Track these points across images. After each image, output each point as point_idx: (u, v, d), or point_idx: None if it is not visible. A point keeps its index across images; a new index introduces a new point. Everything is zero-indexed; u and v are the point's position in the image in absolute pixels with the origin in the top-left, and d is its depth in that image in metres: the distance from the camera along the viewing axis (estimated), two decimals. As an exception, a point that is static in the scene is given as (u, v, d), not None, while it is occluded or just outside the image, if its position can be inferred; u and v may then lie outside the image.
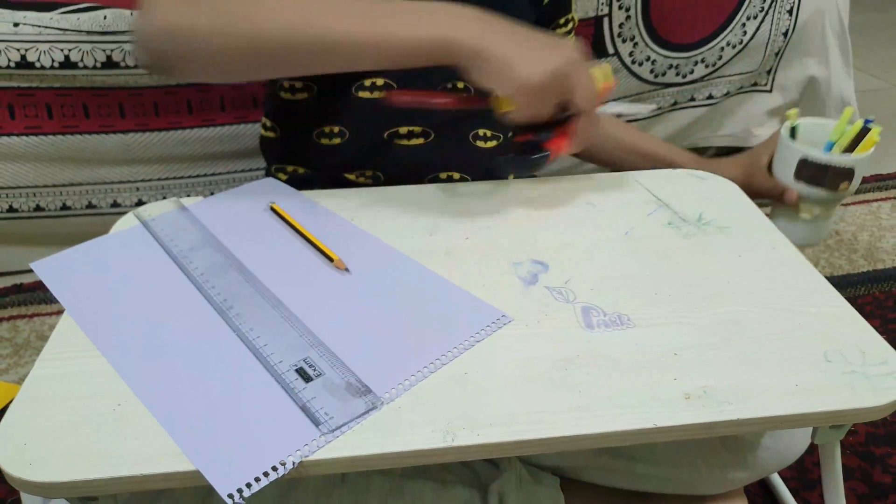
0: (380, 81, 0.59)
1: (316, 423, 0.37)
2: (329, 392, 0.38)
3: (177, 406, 0.38)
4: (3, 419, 0.38)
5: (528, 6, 0.65)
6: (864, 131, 0.94)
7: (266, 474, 0.35)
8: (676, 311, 0.46)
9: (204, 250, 0.51)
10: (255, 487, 0.34)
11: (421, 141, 0.63)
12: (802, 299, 0.47)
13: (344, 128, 0.62)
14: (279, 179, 0.63)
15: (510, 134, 0.65)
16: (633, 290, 0.48)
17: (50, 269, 0.50)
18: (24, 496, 0.49)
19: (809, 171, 0.90)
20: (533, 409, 0.38)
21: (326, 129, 0.61)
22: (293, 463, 0.35)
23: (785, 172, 0.83)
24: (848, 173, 0.93)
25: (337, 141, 0.61)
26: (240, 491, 0.34)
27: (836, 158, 0.86)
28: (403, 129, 0.62)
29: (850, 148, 0.95)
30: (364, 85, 0.60)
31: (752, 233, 0.55)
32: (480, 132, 0.65)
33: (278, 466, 0.35)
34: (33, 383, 0.41)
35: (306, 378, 0.39)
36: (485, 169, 0.63)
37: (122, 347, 0.42)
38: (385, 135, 0.61)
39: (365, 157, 0.61)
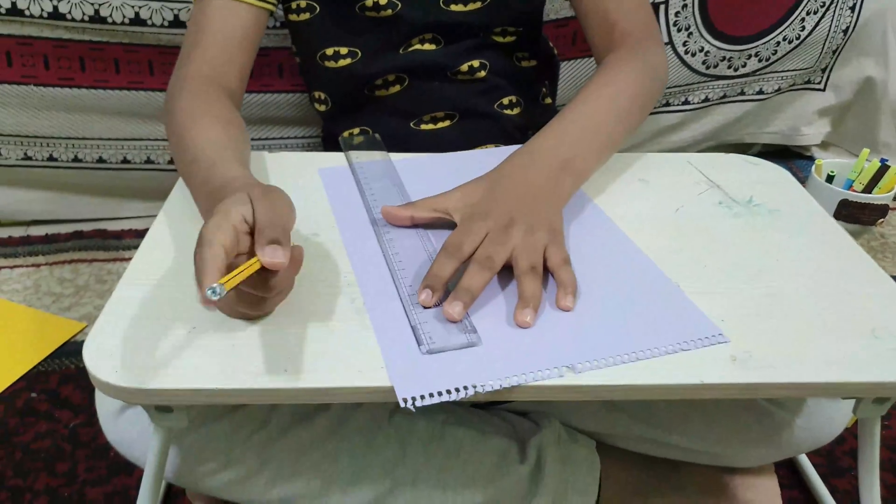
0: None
1: (419, 342, 0.41)
2: (439, 321, 0.42)
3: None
4: (91, 331, 0.42)
5: None
6: (883, 169, 0.99)
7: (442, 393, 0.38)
8: (724, 282, 0.47)
9: (387, 187, 0.56)
10: (429, 401, 0.37)
11: (447, 123, 0.67)
12: (852, 280, 0.48)
13: (366, 126, 0.68)
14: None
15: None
16: (682, 262, 0.49)
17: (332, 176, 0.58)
18: (99, 407, 0.53)
19: (848, 210, 0.97)
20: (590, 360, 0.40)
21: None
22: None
23: None
24: (883, 209, 0.98)
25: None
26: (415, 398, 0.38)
27: (874, 197, 0.95)
28: (427, 117, 0.67)
29: (870, 184, 1.01)
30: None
31: (803, 216, 0.56)
32: (505, 101, 0.68)
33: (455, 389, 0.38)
34: (117, 302, 0.44)
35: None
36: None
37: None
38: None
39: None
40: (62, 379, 0.76)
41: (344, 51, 0.67)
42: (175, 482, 0.53)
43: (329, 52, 0.67)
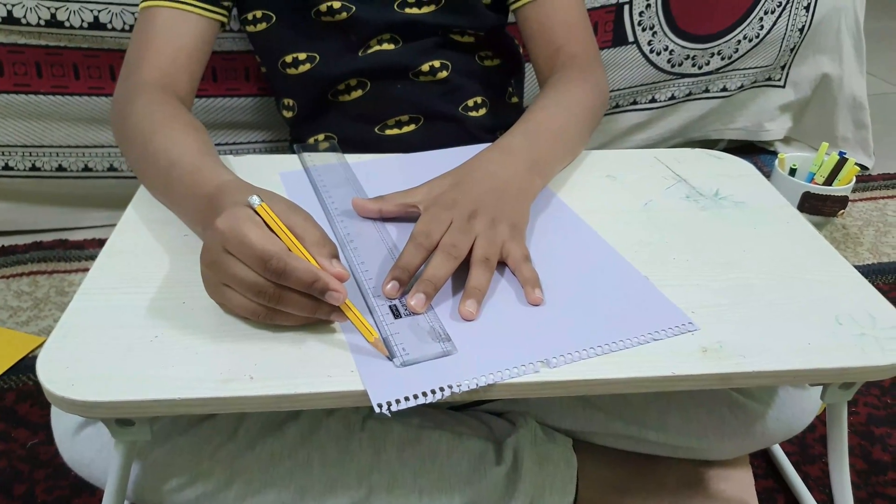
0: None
1: (392, 355, 0.39)
2: (412, 331, 0.41)
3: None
4: (46, 344, 0.40)
5: None
6: (842, 162, 1.03)
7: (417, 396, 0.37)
8: (693, 274, 0.48)
9: (345, 188, 0.55)
10: (404, 406, 0.36)
11: (412, 127, 0.66)
12: (815, 269, 0.49)
13: (331, 133, 0.67)
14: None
15: None
16: (651, 255, 0.49)
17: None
18: (55, 426, 0.50)
19: (811, 202, 1.00)
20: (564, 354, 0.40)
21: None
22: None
23: None
24: (843, 200, 1.02)
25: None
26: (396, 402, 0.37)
27: (834, 189, 0.98)
28: (391, 121, 0.66)
29: (830, 177, 1.04)
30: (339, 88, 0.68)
31: (768, 208, 0.57)
32: (470, 102, 0.68)
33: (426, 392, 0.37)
34: (74, 314, 0.42)
35: (396, 315, 0.42)
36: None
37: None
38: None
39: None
40: (19, 396, 0.73)
41: (302, 56, 0.66)
42: (138, 502, 0.51)
43: (288, 59, 0.67)
